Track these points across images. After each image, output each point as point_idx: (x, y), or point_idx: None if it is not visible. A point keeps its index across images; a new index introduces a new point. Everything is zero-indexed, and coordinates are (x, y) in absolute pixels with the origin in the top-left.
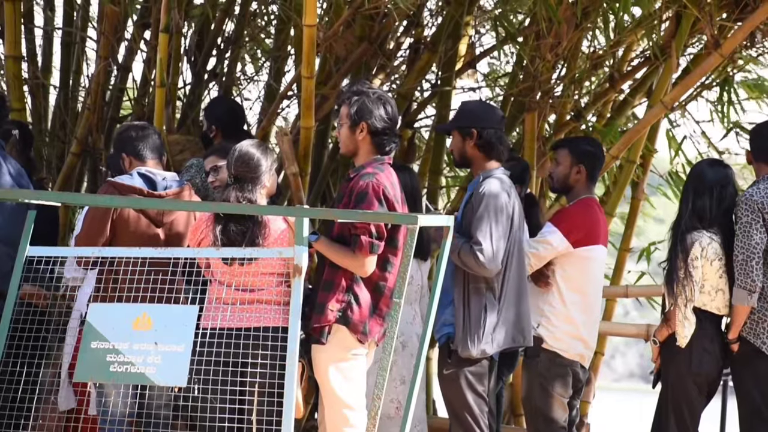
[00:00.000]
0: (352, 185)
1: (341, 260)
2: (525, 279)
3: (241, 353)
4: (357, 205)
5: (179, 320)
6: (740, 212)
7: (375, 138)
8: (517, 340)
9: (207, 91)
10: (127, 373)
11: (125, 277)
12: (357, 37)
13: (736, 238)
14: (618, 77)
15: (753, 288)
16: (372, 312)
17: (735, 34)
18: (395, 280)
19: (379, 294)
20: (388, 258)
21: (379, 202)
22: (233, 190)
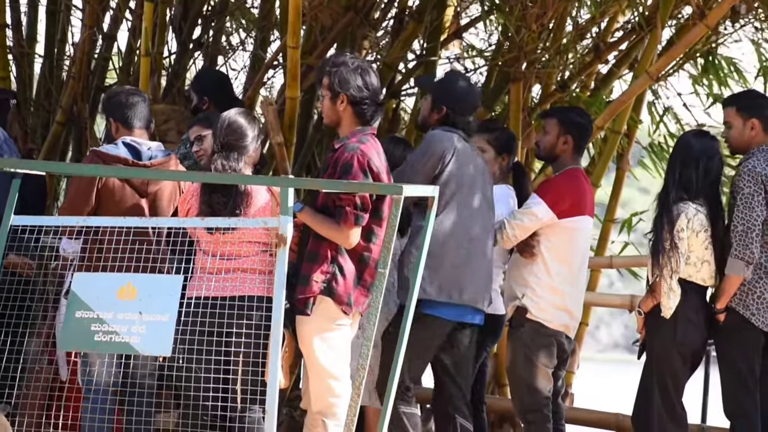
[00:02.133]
0: (337, 156)
1: (326, 231)
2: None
3: (225, 322)
4: (342, 176)
5: (164, 290)
6: (742, 183)
7: (356, 108)
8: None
9: (192, 60)
10: (111, 342)
11: (110, 247)
12: (342, 6)
13: (737, 209)
14: (603, 48)
15: (750, 260)
16: (356, 283)
17: (720, 5)
18: (380, 251)
19: (363, 265)
20: (373, 229)
21: (364, 174)
22: (219, 158)
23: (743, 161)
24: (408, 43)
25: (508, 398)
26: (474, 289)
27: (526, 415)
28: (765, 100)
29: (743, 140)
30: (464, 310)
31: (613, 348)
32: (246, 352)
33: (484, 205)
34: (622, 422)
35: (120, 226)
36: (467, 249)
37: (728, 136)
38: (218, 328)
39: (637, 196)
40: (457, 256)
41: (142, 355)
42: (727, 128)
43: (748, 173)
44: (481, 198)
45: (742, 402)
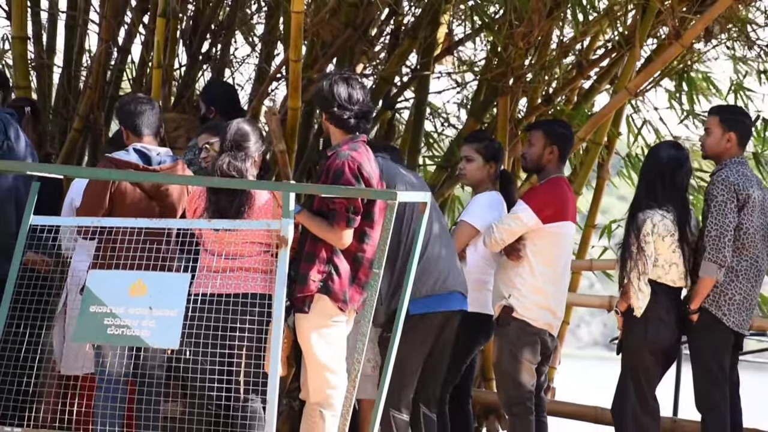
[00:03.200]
0: (329, 164)
1: (320, 232)
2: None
3: (230, 318)
4: (334, 182)
5: (172, 287)
6: (716, 191)
7: (338, 122)
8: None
9: (201, 72)
10: (123, 335)
11: (122, 246)
12: (342, 23)
13: (711, 216)
14: (585, 65)
15: (723, 263)
16: (351, 281)
17: (694, 26)
18: (373, 252)
19: (357, 264)
20: (365, 231)
21: (355, 179)
22: (227, 157)
23: (717, 171)
24: (403, 58)
25: (494, 391)
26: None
27: (510, 408)
28: (746, 117)
29: (718, 149)
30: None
31: (592, 345)
32: (248, 346)
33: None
34: (600, 415)
35: (131, 226)
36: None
37: (705, 142)
38: (222, 323)
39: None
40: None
41: (151, 347)
42: (706, 134)
43: (721, 182)
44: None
45: (713, 397)
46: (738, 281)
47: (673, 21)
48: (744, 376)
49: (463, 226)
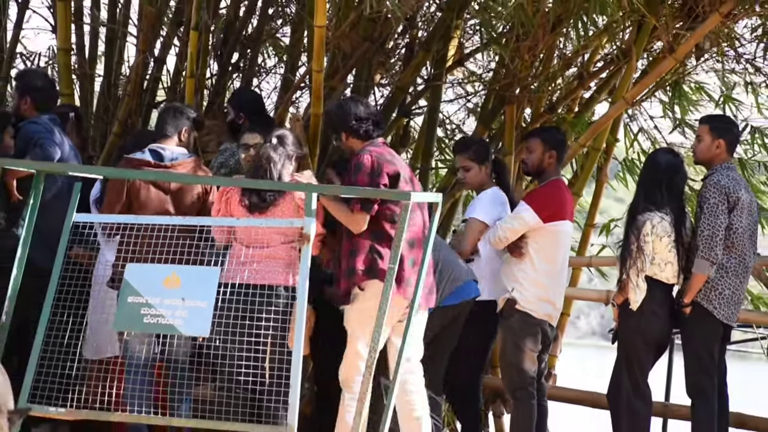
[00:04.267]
0: (353, 161)
1: (340, 215)
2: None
3: (257, 308)
4: (356, 173)
5: (203, 279)
6: (708, 194)
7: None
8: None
9: (231, 81)
10: (158, 324)
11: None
12: (361, 36)
13: (703, 216)
14: (586, 76)
15: (715, 260)
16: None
17: (687, 41)
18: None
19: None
20: (396, 212)
21: (372, 168)
22: (268, 148)
23: (708, 176)
24: (418, 69)
25: (500, 378)
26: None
27: (514, 392)
28: (734, 126)
29: (708, 155)
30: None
31: (590, 335)
32: (273, 335)
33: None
34: (597, 399)
35: (163, 224)
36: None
37: (696, 148)
38: (250, 312)
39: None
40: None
41: (184, 335)
42: (698, 141)
43: (713, 186)
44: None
45: (703, 384)
46: (728, 277)
47: (667, 36)
48: (729, 364)
49: (472, 223)
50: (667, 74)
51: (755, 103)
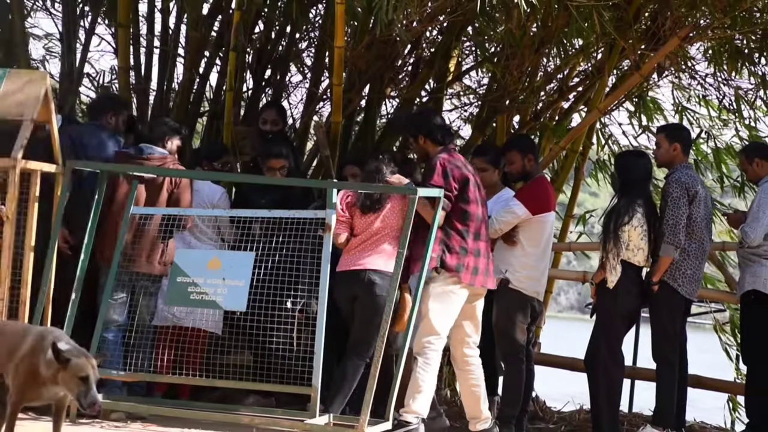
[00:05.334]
0: (428, 165)
1: (423, 211)
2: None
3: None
4: (429, 174)
5: (241, 262)
6: (671, 189)
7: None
8: None
9: (264, 94)
10: (202, 300)
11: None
12: (374, 56)
13: (668, 208)
14: (565, 89)
15: (678, 245)
16: (463, 253)
17: (651, 60)
18: (475, 226)
19: (464, 239)
20: (465, 210)
21: (444, 170)
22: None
23: (670, 174)
24: (422, 83)
25: None
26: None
27: (507, 358)
28: (685, 130)
29: (668, 158)
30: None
31: (569, 309)
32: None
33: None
34: (575, 364)
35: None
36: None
37: (657, 154)
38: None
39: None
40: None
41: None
42: (657, 148)
43: (675, 182)
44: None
45: (667, 351)
46: (689, 259)
47: (634, 56)
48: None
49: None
50: (634, 88)
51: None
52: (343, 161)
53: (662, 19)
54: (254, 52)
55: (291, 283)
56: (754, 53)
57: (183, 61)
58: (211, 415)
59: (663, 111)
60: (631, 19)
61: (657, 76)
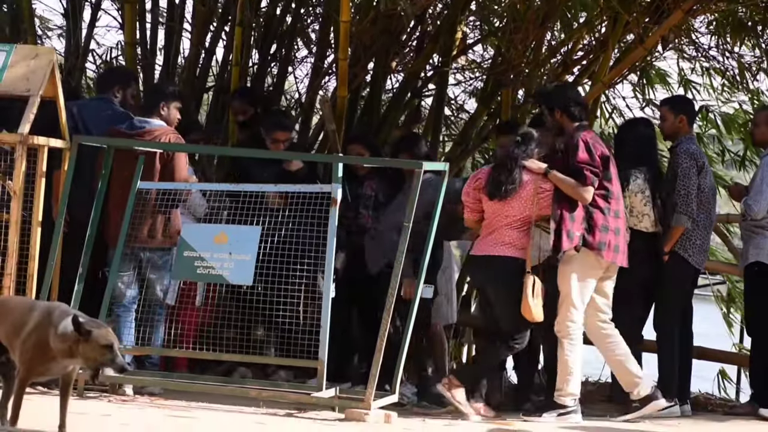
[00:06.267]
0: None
1: (569, 188)
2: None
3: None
4: (574, 151)
5: (247, 237)
6: (680, 160)
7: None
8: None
9: (269, 69)
10: (209, 274)
11: None
12: (379, 30)
13: (679, 179)
14: (569, 63)
15: (691, 214)
16: (604, 231)
17: (654, 34)
18: (616, 204)
19: (606, 216)
20: (607, 187)
21: (586, 146)
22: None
23: (677, 145)
24: (427, 57)
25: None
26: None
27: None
28: (689, 103)
29: (673, 129)
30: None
31: None
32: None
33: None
34: None
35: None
36: None
37: (662, 126)
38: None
39: None
40: None
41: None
42: (662, 121)
43: (684, 153)
44: None
45: (672, 322)
46: (698, 229)
47: (638, 30)
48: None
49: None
50: (638, 62)
51: (710, 87)
52: (348, 136)
53: None
54: (260, 27)
55: (297, 258)
56: (758, 25)
57: (189, 36)
58: (220, 389)
59: (668, 84)
60: None
61: (661, 49)
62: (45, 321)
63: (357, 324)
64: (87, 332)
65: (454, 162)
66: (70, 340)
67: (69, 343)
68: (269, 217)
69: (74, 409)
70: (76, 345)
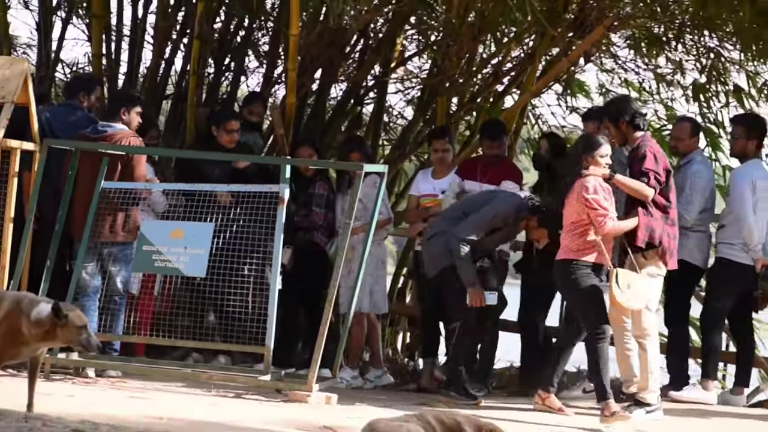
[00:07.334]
0: (637, 153)
1: (634, 190)
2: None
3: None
4: (642, 159)
5: (201, 233)
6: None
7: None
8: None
9: (224, 78)
10: (166, 267)
11: None
12: (326, 43)
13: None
14: (500, 74)
15: None
16: (671, 238)
17: (578, 48)
18: (673, 213)
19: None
20: (668, 197)
21: (654, 155)
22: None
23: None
24: (369, 68)
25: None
26: None
27: None
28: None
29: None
30: None
31: None
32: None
33: None
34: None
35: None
36: None
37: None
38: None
39: None
40: None
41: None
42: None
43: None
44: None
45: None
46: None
47: (563, 44)
48: None
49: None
50: (561, 73)
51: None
52: (297, 139)
53: (589, 10)
54: (216, 40)
55: (247, 252)
56: (671, 41)
57: (151, 48)
58: (175, 372)
59: (589, 93)
60: (560, 9)
61: (584, 62)
62: (15, 309)
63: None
64: (65, 316)
65: (392, 165)
66: (46, 325)
67: (45, 328)
68: (222, 215)
69: (41, 390)
70: (53, 329)
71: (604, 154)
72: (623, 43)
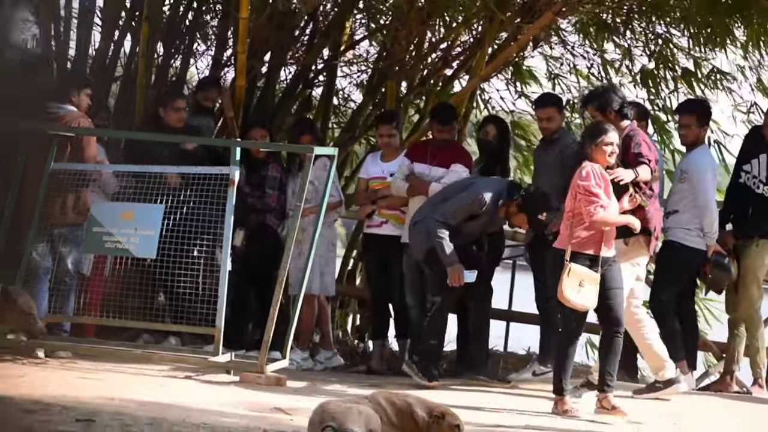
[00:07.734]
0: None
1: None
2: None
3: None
4: (638, 146)
5: (151, 214)
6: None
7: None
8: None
9: (173, 60)
10: (116, 248)
11: None
12: (275, 26)
13: None
14: (449, 58)
15: None
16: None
17: (527, 33)
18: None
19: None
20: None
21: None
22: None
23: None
24: (318, 51)
25: None
26: None
27: None
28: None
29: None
30: None
31: None
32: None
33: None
34: None
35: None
36: None
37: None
38: None
39: None
40: None
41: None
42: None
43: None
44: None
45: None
46: None
47: (512, 29)
48: None
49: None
50: (511, 58)
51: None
52: (247, 122)
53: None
54: (165, 22)
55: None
56: (620, 27)
57: (100, 30)
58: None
59: (537, 78)
60: None
61: (532, 47)
62: None
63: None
64: (13, 300)
65: (342, 148)
66: None
67: None
68: (172, 196)
69: None
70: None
71: (609, 142)
72: (572, 29)
